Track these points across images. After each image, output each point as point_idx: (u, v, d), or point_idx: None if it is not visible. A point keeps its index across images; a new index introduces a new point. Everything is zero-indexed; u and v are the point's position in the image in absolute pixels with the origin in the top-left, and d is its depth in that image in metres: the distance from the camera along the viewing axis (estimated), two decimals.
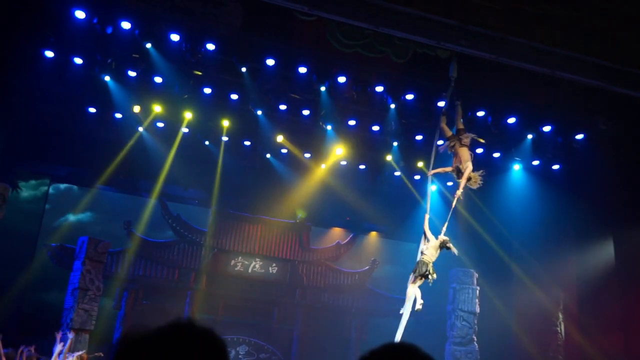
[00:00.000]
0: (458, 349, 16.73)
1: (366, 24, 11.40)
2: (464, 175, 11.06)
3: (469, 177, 11.08)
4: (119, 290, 16.58)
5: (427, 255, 10.62)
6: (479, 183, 11.22)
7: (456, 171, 11.35)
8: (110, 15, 12.83)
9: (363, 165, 17.85)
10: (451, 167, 11.46)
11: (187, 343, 1.56)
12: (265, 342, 17.83)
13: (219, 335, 1.63)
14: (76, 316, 13.88)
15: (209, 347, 1.59)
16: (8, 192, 12.40)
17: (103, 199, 17.70)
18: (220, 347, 1.61)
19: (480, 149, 16.59)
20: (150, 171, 16.70)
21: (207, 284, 17.35)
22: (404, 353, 1.84)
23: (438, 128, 12.00)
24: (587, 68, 11.83)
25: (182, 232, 17.57)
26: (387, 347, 1.89)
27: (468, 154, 11.32)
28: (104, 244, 14.94)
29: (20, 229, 16.51)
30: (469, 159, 11.24)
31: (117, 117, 15.66)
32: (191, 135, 16.51)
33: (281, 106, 15.36)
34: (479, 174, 11.22)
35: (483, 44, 11.32)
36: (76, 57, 13.76)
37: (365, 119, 15.97)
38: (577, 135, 15.97)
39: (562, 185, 16.74)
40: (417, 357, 1.83)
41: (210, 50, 13.49)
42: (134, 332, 1.58)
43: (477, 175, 11.20)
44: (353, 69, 14.38)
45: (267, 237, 18.35)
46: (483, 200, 17.31)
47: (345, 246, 19.37)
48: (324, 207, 18.70)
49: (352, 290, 18.96)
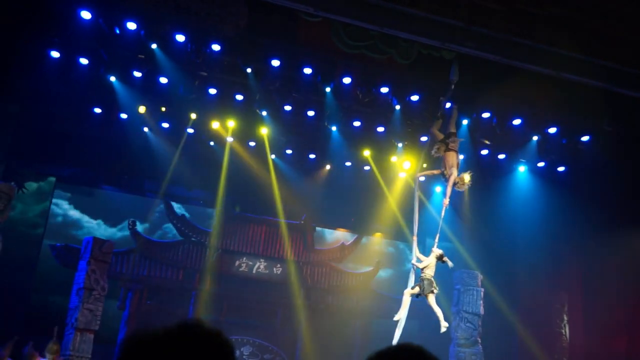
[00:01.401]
0: (462, 351, 16.69)
1: (371, 25, 11.41)
2: (449, 182, 11.09)
3: (455, 181, 11.08)
4: (123, 291, 16.60)
5: (428, 272, 10.86)
6: (468, 184, 11.18)
7: (442, 175, 11.37)
8: (115, 16, 12.85)
9: (367, 167, 17.84)
10: (439, 170, 11.48)
11: (195, 344, 1.56)
12: (269, 342, 17.84)
13: (226, 337, 1.63)
14: (81, 316, 13.90)
15: (216, 348, 1.59)
16: (14, 192, 12.42)
17: (108, 199, 17.73)
18: (228, 349, 1.62)
19: (486, 151, 16.58)
20: (155, 171, 16.74)
21: (211, 284, 17.35)
22: (410, 354, 1.84)
23: (429, 132, 12.03)
24: (593, 70, 11.81)
25: (186, 232, 17.58)
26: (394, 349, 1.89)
27: (454, 158, 11.28)
28: (108, 244, 14.96)
29: (26, 229, 16.56)
30: (454, 164, 11.20)
31: (122, 117, 15.69)
32: (196, 135, 16.54)
33: (286, 107, 15.36)
34: (468, 174, 11.20)
35: (488, 45, 11.32)
36: (82, 58, 13.79)
37: (370, 120, 15.97)
38: (583, 137, 15.91)
39: (567, 186, 16.70)
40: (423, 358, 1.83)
41: (216, 51, 13.51)
42: (142, 331, 1.58)
43: (464, 177, 11.16)
44: (358, 70, 14.37)
45: (272, 237, 18.36)
46: (488, 201, 17.29)
47: (349, 247, 19.35)
48: (329, 208, 18.70)
49: (356, 292, 18.93)
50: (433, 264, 10.97)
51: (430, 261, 10.96)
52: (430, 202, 18.44)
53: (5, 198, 12.21)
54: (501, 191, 17.55)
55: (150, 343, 1.55)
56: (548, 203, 16.74)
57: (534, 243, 17.02)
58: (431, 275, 10.87)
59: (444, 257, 10.99)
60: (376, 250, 19.91)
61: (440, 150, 11.36)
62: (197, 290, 17.24)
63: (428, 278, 10.84)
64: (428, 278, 10.84)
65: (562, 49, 11.43)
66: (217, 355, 1.58)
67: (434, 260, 10.98)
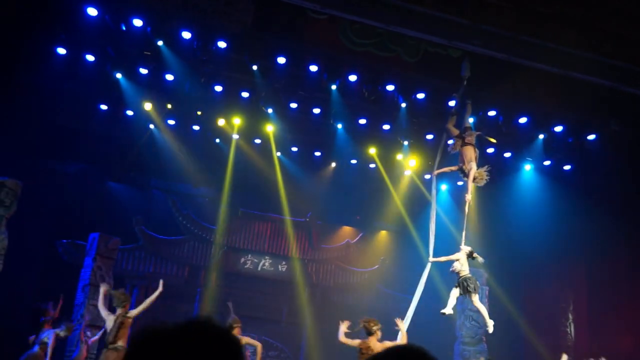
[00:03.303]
0: (467, 349, 16.68)
1: (378, 22, 11.40)
2: (470, 177, 10.98)
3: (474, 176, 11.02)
4: (129, 287, 16.64)
5: (465, 270, 10.75)
6: (485, 179, 11.13)
7: (461, 170, 11.29)
8: (122, 13, 12.86)
9: (373, 164, 17.83)
10: (456, 166, 11.41)
11: (205, 341, 1.56)
12: (274, 340, 17.85)
13: (235, 336, 1.63)
14: (86, 312, 13.94)
15: (225, 346, 1.59)
16: (19, 189, 12.44)
17: (114, 195, 17.75)
18: (236, 348, 1.62)
19: (492, 149, 16.53)
20: (161, 168, 16.77)
21: (216, 281, 17.38)
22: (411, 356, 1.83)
23: (444, 128, 11.97)
24: (600, 68, 11.77)
25: (192, 229, 17.61)
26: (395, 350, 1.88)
27: (472, 152, 11.18)
28: (114, 241, 15.00)
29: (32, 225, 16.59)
30: (472, 158, 11.11)
31: (128, 114, 15.72)
32: (202, 132, 16.56)
33: (292, 104, 15.36)
34: (485, 169, 11.13)
35: (495, 44, 11.30)
36: (88, 54, 13.80)
37: (375, 118, 15.95)
38: (589, 136, 15.85)
39: (573, 185, 16.66)
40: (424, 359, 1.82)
41: (222, 48, 13.49)
42: (151, 327, 1.59)
43: (482, 171, 11.10)
44: (364, 68, 14.34)
45: (277, 235, 18.37)
46: (493, 200, 17.25)
47: (354, 245, 19.35)
48: (334, 205, 18.69)
49: (361, 290, 18.93)
50: (465, 262, 10.89)
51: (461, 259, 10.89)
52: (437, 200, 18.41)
53: (12, 194, 12.23)
54: (507, 189, 17.51)
55: (160, 339, 1.56)
56: (554, 202, 16.70)
57: (540, 241, 16.96)
58: (467, 273, 10.80)
59: (473, 253, 10.92)
60: (382, 248, 19.88)
61: (457, 146, 11.31)
62: (202, 287, 17.28)
63: (468, 276, 10.77)
64: (468, 276, 10.77)
65: (570, 47, 11.39)
66: (226, 353, 1.58)
67: (464, 257, 10.90)
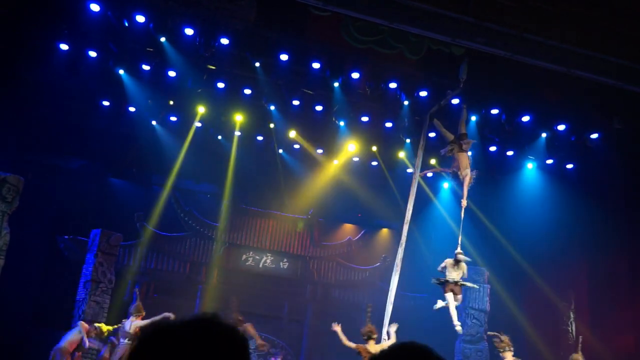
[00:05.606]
0: (468, 347, 16.69)
1: (381, 19, 11.37)
2: (465, 184, 11.19)
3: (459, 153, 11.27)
4: (130, 283, 16.63)
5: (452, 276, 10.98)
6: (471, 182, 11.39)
7: (453, 175, 11.45)
8: (124, 9, 12.85)
9: (375, 162, 17.81)
10: (449, 169, 11.55)
11: (212, 338, 1.56)
12: (275, 336, 17.85)
13: (242, 332, 1.63)
14: (88, 308, 13.97)
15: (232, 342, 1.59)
16: (22, 185, 12.45)
17: (115, 191, 17.75)
18: (243, 344, 1.62)
19: (494, 147, 16.52)
20: (163, 165, 16.76)
21: (218, 278, 17.38)
22: (416, 353, 1.83)
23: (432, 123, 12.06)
24: (603, 67, 11.75)
25: (194, 226, 17.62)
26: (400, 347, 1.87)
27: (467, 160, 11.40)
28: (116, 237, 15.01)
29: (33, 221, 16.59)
30: (467, 165, 11.33)
31: (130, 110, 15.71)
32: (204, 129, 16.55)
33: (294, 101, 15.34)
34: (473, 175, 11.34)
35: (498, 41, 11.27)
36: (91, 50, 13.79)
37: (378, 115, 15.93)
38: (592, 135, 15.83)
39: (575, 184, 16.64)
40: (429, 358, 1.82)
41: (224, 45, 13.48)
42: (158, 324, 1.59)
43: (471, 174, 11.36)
44: (367, 65, 14.33)
45: (279, 232, 18.38)
46: (495, 198, 17.24)
47: (356, 242, 19.35)
48: (336, 203, 18.69)
49: (362, 287, 18.93)
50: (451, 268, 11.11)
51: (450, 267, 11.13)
52: (438, 199, 18.42)
53: (14, 190, 12.24)
54: (509, 188, 17.51)
55: (167, 335, 1.56)
56: (556, 200, 16.69)
57: (542, 240, 16.95)
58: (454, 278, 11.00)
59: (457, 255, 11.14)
60: (383, 245, 19.87)
61: (453, 151, 11.41)
62: (203, 283, 17.29)
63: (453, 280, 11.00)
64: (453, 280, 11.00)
65: (573, 45, 11.37)
66: (233, 349, 1.58)
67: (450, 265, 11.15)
